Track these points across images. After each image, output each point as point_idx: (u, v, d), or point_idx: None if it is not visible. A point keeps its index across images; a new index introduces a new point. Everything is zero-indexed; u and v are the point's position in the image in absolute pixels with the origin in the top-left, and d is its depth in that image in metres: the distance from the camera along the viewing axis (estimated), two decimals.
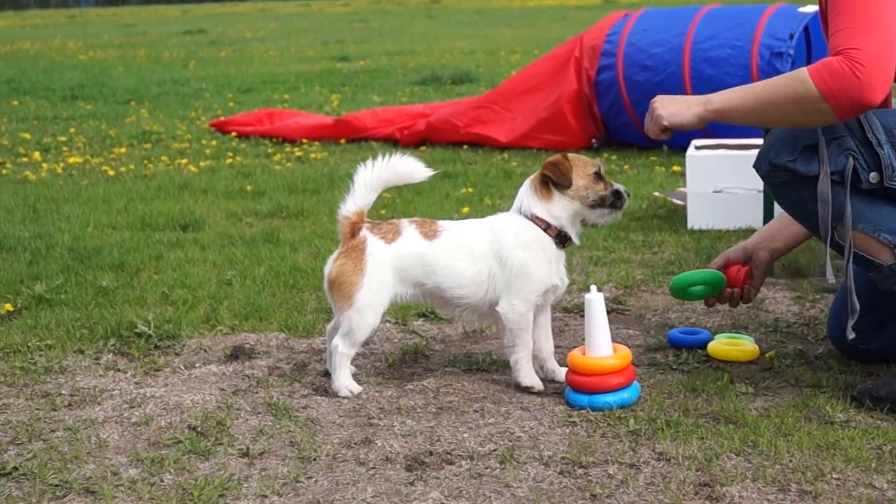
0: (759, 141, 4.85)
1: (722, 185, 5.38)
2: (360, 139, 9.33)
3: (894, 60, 2.92)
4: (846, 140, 3.04)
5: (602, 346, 3.19)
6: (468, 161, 8.15)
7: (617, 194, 3.37)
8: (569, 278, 3.47)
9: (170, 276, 4.78)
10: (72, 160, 8.80)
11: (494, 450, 2.91)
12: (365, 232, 3.45)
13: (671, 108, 3.17)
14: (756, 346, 3.58)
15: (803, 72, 2.95)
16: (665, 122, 3.16)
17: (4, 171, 8.35)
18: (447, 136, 8.88)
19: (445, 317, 4.06)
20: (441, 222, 3.43)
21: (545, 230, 3.35)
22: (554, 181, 3.33)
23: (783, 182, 3.12)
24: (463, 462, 2.84)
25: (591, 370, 3.17)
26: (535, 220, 3.36)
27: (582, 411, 3.14)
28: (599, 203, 3.36)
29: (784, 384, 3.32)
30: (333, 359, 3.39)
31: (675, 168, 7.28)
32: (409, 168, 3.48)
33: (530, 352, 3.38)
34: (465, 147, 8.69)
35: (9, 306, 4.24)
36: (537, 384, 3.35)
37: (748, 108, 3.09)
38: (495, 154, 8.39)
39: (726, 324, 3.97)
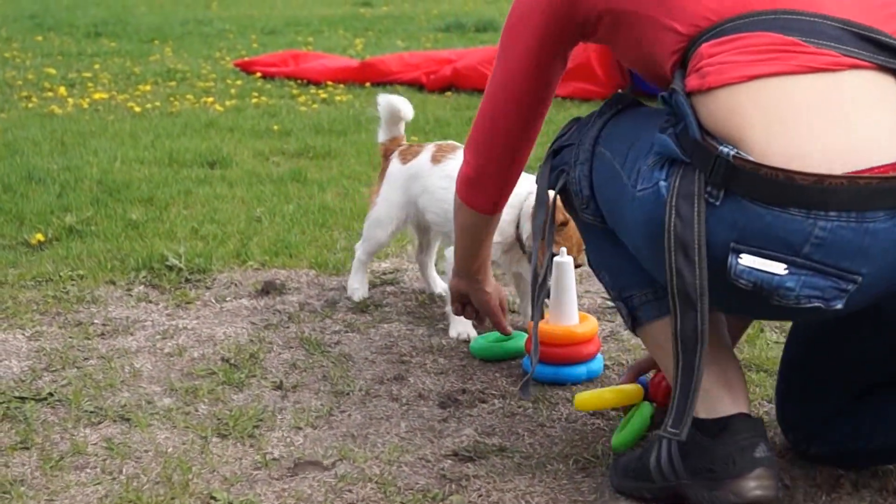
0: None
1: None
2: (385, 83, 9.30)
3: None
4: (568, 150, 2.34)
5: (571, 314, 3.00)
6: None
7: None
8: None
9: (199, 212, 4.78)
10: (97, 96, 8.79)
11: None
12: (393, 154, 3.61)
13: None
14: None
15: None
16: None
17: (30, 105, 8.34)
18: (474, 83, 8.83)
19: None
20: (461, 151, 3.42)
21: None
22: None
23: None
24: (496, 401, 2.85)
25: (563, 340, 2.94)
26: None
27: (613, 355, 3.15)
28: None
29: None
30: (353, 263, 3.65)
31: None
32: (397, 105, 3.64)
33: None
34: None
35: (40, 236, 4.25)
36: (461, 334, 3.31)
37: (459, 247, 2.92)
38: None
39: None
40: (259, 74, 9.98)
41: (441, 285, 3.69)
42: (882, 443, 2.31)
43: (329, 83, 9.40)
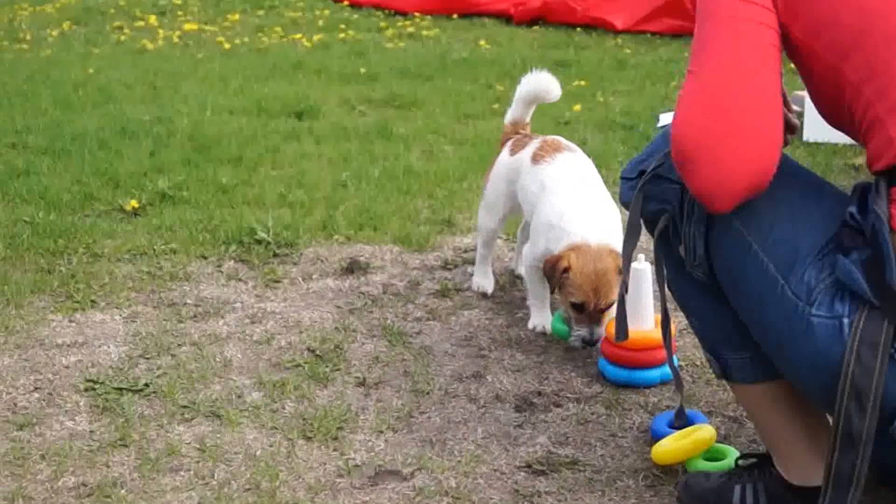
0: None
1: None
2: (471, 14, 9.31)
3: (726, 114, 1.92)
4: (671, 189, 2.16)
5: (646, 319, 3.06)
6: (581, 45, 8.12)
7: (583, 340, 3.15)
8: None
9: (287, 173, 4.91)
10: (187, 27, 8.94)
11: (600, 392, 3.01)
12: (508, 142, 3.61)
13: None
14: None
15: None
16: None
17: (123, 38, 8.49)
18: (562, 16, 8.81)
19: None
20: (562, 154, 3.42)
21: None
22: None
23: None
24: (570, 405, 2.94)
25: (638, 344, 2.98)
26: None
27: (688, 353, 3.22)
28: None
29: None
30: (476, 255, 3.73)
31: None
32: (546, 85, 3.61)
33: (542, 301, 3.39)
34: (579, 30, 8.63)
35: (134, 203, 4.40)
36: (538, 327, 3.38)
37: None
38: (609, 38, 8.34)
39: None
40: (346, 3, 10.01)
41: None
42: None
43: (416, 14, 9.42)
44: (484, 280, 3.67)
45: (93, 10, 9.77)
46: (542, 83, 3.59)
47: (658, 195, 2.20)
